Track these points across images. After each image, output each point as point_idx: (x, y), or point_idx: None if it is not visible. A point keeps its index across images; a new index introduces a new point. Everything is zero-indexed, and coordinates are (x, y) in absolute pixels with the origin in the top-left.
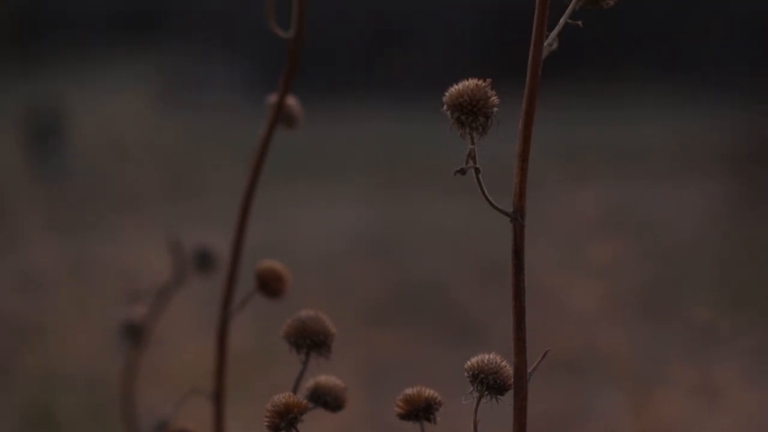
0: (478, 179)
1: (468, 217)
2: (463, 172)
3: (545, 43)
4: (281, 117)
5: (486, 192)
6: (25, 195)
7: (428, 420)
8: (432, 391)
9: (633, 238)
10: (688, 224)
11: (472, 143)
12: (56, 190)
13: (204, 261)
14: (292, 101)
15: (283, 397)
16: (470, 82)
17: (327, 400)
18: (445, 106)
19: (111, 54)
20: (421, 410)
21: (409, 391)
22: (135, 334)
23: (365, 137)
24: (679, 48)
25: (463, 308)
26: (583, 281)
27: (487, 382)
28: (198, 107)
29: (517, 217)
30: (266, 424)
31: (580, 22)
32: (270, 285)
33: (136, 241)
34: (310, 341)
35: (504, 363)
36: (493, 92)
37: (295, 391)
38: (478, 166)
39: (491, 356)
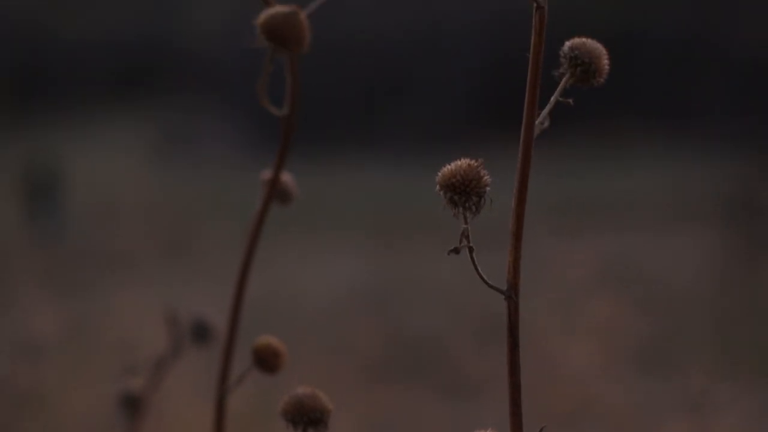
0: (471, 258)
1: (464, 272)
2: (457, 251)
3: (536, 122)
4: (276, 193)
5: (480, 270)
6: (21, 255)
7: None
8: None
9: (629, 293)
10: (684, 276)
11: (465, 223)
12: (52, 250)
13: (201, 333)
14: (286, 177)
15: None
16: (462, 162)
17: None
18: (437, 187)
19: (108, 111)
20: None
21: None
22: (133, 406)
23: (360, 191)
24: (674, 98)
25: (461, 364)
26: (579, 338)
27: None
28: (196, 163)
29: (512, 295)
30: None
31: (570, 100)
32: (267, 361)
33: (134, 304)
34: (307, 419)
35: None
36: (486, 172)
37: None
38: (471, 245)
39: None
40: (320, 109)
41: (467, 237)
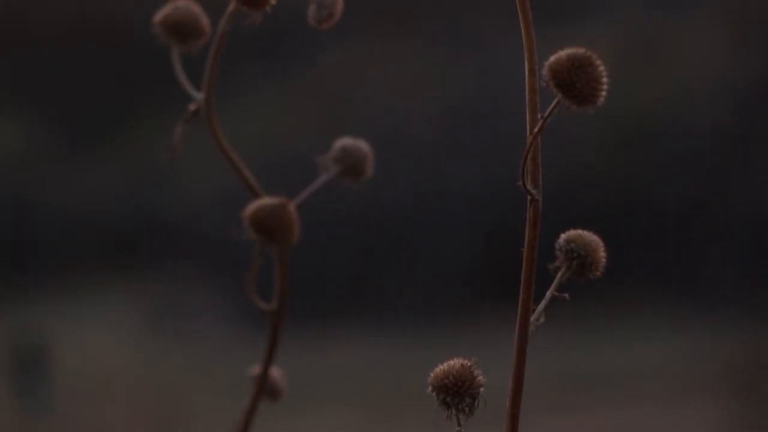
0: None
1: None
2: None
3: (532, 319)
4: (265, 390)
5: None
6: (7, 429)
7: None
8: None
9: None
10: None
11: (459, 425)
12: (40, 425)
13: None
14: (275, 373)
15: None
16: (455, 362)
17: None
18: (429, 388)
19: (98, 284)
20: None
21: None
22: None
23: (354, 365)
24: (677, 266)
25: None
26: None
27: None
28: (187, 337)
29: None
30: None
31: (566, 295)
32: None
33: None
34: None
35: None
36: (479, 372)
37: None
38: None
39: None
40: (315, 278)
41: None
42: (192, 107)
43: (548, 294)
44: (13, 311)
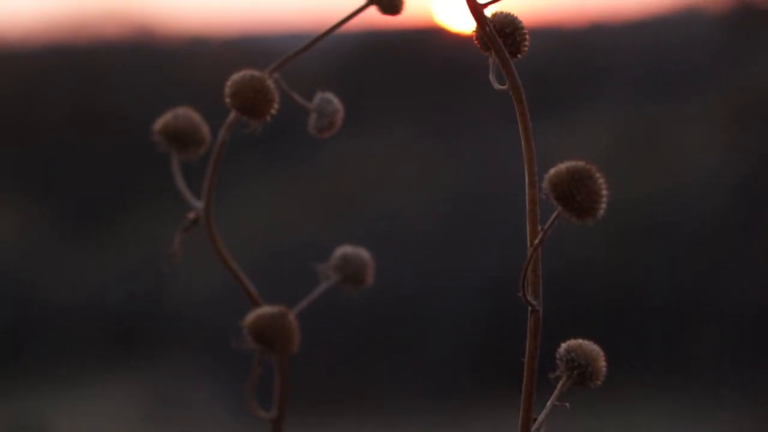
0: None
1: None
2: None
3: (533, 429)
4: None
5: None
6: None
7: None
8: None
9: None
10: None
11: None
12: None
13: None
14: None
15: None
16: None
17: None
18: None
19: (98, 374)
20: None
21: None
22: None
23: None
24: (675, 355)
25: None
26: None
27: None
28: (186, 428)
29: None
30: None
31: (567, 404)
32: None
33: None
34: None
35: None
36: None
37: None
38: None
39: None
40: (318, 364)
41: None
42: (191, 216)
43: (549, 404)
44: (11, 400)
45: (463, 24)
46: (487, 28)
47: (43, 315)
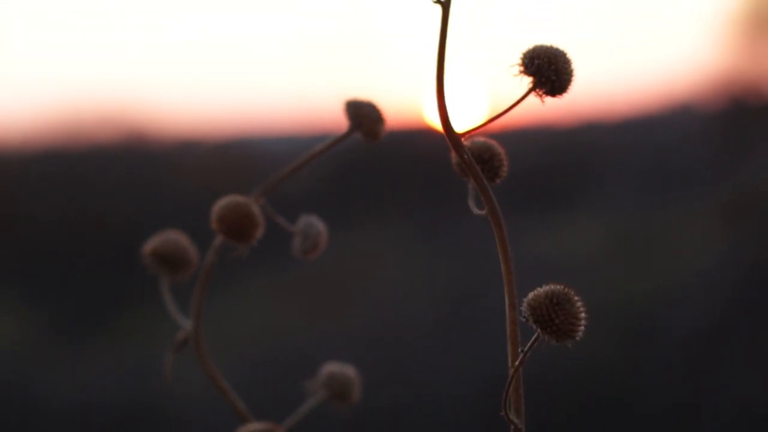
0: None
1: None
2: None
3: None
4: None
5: None
6: None
7: None
8: None
9: None
10: None
11: None
12: None
13: None
14: None
15: None
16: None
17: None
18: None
19: None
20: None
21: None
22: None
23: None
24: None
25: None
26: None
27: None
28: None
29: None
30: None
31: None
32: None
33: None
34: None
35: None
36: None
37: None
38: None
39: None
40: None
41: None
42: (180, 336)
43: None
44: None
45: (455, 125)
46: (465, 156)
47: (36, 418)
